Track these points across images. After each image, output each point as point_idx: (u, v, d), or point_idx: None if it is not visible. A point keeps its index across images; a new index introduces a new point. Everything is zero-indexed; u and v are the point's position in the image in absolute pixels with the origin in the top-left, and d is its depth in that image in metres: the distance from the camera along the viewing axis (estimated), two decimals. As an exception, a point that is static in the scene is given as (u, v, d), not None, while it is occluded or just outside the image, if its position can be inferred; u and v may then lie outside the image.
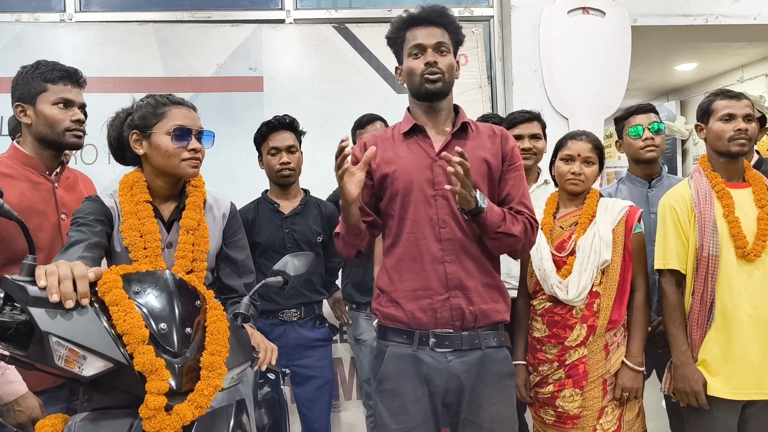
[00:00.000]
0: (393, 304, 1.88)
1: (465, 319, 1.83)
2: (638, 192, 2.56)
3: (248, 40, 3.64)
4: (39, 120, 1.99)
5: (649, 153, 2.51)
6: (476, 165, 1.86)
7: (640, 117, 2.54)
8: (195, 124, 1.80)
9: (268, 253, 2.62)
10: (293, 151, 2.69)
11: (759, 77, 6.15)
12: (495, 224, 1.79)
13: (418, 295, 1.84)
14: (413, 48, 1.87)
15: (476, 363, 1.83)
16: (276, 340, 2.45)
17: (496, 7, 3.91)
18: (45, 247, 1.92)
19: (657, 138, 2.51)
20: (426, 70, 1.85)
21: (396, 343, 1.87)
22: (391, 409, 1.86)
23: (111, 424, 1.29)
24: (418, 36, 1.87)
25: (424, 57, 1.85)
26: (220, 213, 1.93)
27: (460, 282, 1.83)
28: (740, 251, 2.06)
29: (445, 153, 1.71)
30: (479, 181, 1.86)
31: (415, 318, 1.83)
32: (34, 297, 1.23)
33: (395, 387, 1.85)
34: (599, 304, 2.16)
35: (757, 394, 2.03)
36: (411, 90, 1.92)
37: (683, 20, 3.88)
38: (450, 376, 1.82)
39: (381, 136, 1.98)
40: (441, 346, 1.83)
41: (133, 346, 1.26)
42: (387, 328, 1.91)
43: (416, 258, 1.85)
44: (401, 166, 1.88)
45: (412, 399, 1.84)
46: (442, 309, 1.82)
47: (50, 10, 3.67)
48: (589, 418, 2.13)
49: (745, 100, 2.17)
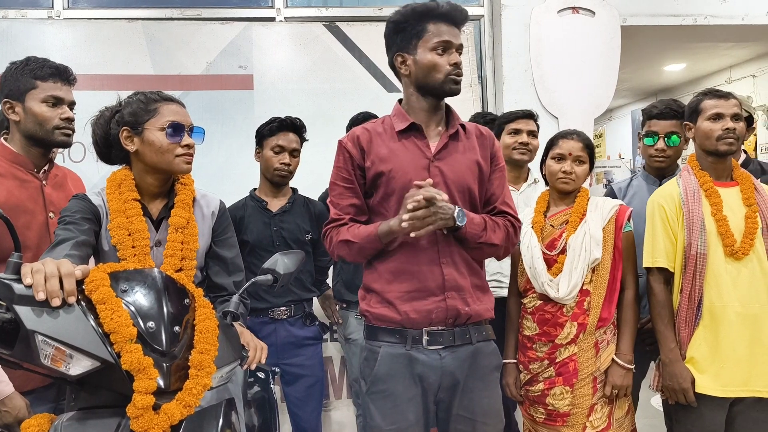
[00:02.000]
0: (385, 304, 1.85)
1: (458, 319, 1.84)
2: (647, 189, 2.55)
3: (238, 38, 3.61)
4: (28, 117, 1.97)
5: (656, 163, 2.53)
6: (469, 167, 1.88)
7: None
8: (187, 120, 1.80)
9: (256, 251, 2.61)
10: (295, 155, 2.69)
11: (746, 78, 6.21)
12: (476, 236, 1.82)
13: (413, 297, 1.83)
14: (439, 43, 1.82)
15: (468, 357, 1.84)
16: (266, 339, 2.43)
17: (487, 6, 3.92)
18: (33, 246, 1.90)
19: (669, 150, 2.51)
20: (454, 71, 1.84)
21: (388, 343, 1.86)
22: (383, 410, 1.84)
23: (98, 424, 1.28)
24: (444, 32, 1.83)
25: (449, 56, 1.83)
26: (209, 211, 1.91)
27: (456, 283, 1.83)
28: (728, 249, 2.07)
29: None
30: (471, 183, 1.87)
31: (410, 318, 1.82)
32: (20, 295, 1.22)
33: (388, 387, 1.84)
34: (589, 302, 2.17)
35: (744, 392, 2.04)
36: (426, 84, 1.86)
37: (672, 20, 3.91)
38: (444, 373, 1.82)
39: (373, 130, 1.92)
40: (434, 344, 1.82)
41: (121, 344, 1.25)
42: (377, 328, 1.88)
43: (412, 260, 1.83)
44: (398, 165, 1.85)
45: (405, 399, 1.83)
46: (437, 310, 1.82)
47: (38, 7, 3.64)
48: (579, 416, 2.13)
49: (733, 99, 2.18)
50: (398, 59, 1.89)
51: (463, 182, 1.86)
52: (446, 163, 1.86)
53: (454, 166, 1.87)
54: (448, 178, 1.85)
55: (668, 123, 2.49)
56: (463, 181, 1.86)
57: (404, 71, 1.89)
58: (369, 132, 1.92)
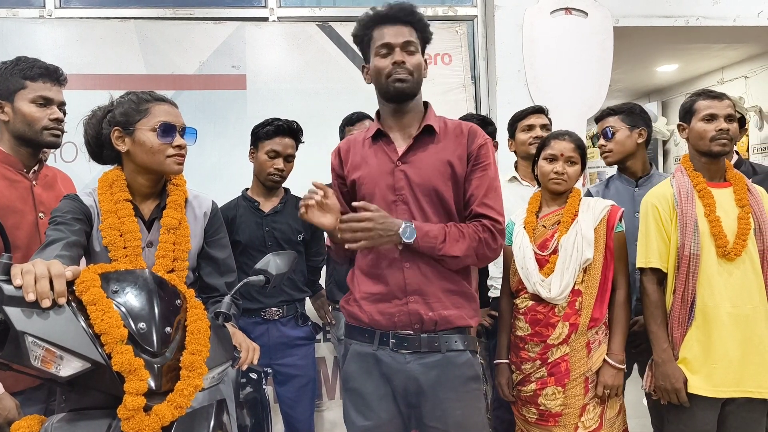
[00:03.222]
0: (355, 304, 1.89)
1: (424, 324, 1.81)
2: (625, 191, 2.58)
3: (231, 37, 3.61)
4: (17, 117, 1.95)
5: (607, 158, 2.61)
6: (438, 168, 1.84)
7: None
8: (178, 121, 1.79)
9: (248, 251, 2.60)
10: (290, 160, 2.67)
11: (739, 79, 6.23)
12: (432, 249, 1.78)
13: (377, 299, 1.84)
14: (381, 47, 1.82)
15: (436, 366, 1.81)
16: (258, 339, 2.43)
17: (480, 6, 3.92)
18: (22, 246, 1.89)
19: (609, 144, 2.58)
20: (394, 69, 1.80)
21: (358, 341, 1.89)
22: (356, 406, 1.87)
23: (89, 425, 1.27)
24: (385, 35, 1.82)
25: (392, 56, 1.81)
26: (201, 212, 1.91)
27: (419, 287, 1.81)
28: (721, 250, 2.08)
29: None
30: (439, 185, 1.83)
31: (374, 320, 1.84)
32: (10, 296, 1.21)
33: (359, 386, 1.87)
34: (581, 302, 2.17)
35: (736, 392, 2.05)
36: (379, 90, 1.89)
37: (665, 21, 3.92)
38: (408, 377, 1.81)
39: (353, 140, 1.99)
40: (400, 347, 1.82)
41: (111, 345, 1.24)
42: (351, 326, 1.93)
43: (377, 262, 1.85)
44: (366, 171, 1.89)
45: (376, 397, 1.84)
46: (399, 314, 1.82)
47: (29, 6, 3.62)
48: (571, 416, 2.14)
49: (727, 100, 2.19)
50: (364, 71, 1.92)
51: (429, 184, 1.83)
52: (411, 166, 1.85)
53: (420, 169, 1.84)
54: (412, 181, 1.83)
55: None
56: (429, 184, 1.83)
57: (368, 81, 1.91)
58: (349, 142, 1.98)
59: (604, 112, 2.67)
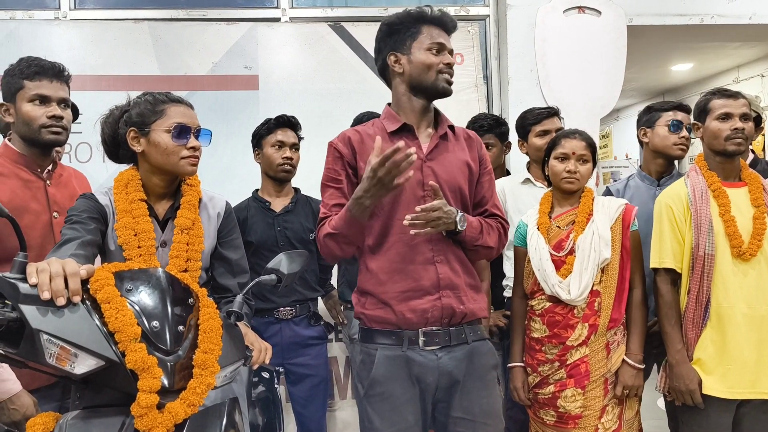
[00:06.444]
0: (382, 306, 1.85)
1: (454, 317, 1.84)
2: (647, 190, 2.56)
3: (244, 38, 3.63)
4: (18, 118, 1.96)
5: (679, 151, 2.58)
6: (460, 167, 1.90)
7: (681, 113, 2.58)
8: (194, 122, 1.79)
9: (260, 251, 2.60)
10: (296, 149, 2.71)
11: (755, 77, 6.17)
12: (473, 239, 1.86)
13: (409, 296, 1.82)
14: (434, 44, 1.85)
15: (465, 357, 1.85)
16: (271, 339, 2.44)
17: (492, 6, 3.91)
18: (36, 246, 1.89)
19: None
20: (446, 70, 1.86)
21: (385, 345, 1.85)
22: (381, 412, 1.84)
23: (102, 422, 1.28)
24: (438, 35, 1.87)
25: (442, 56, 1.86)
26: (215, 212, 1.91)
27: (451, 282, 1.84)
28: (736, 250, 2.06)
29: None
30: (462, 183, 1.89)
31: (406, 319, 1.82)
32: (25, 294, 1.22)
33: (386, 390, 1.83)
34: (600, 303, 2.15)
35: (751, 393, 2.03)
36: (420, 83, 1.87)
37: (679, 20, 3.88)
38: (441, 373, 1.82)
39: (363, 132, 1.93)
40: (431, 344, 1.83)
41: (125, 343, 1.25)
42: (374, 331, 1.88)
43: (407, 259, 1.83)
44: None
45: (404, 400, 1.83)
46: (433, 309, 1.82)
47: (45, 8, 3.65)
48: (591, 418, 2.12)
49: (742, 99, 2.17)
50: (391, 58, 1.90)
51: (455, 182, 1.88)
52: (438, 163, 1.88)
53: (446, 167, 1.88)
54: (440, 177, 1.86)
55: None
56: (455, 181, 1.88)
57: (398, 69, 1.90)
58: (360, 133, 1.93)
59: (687, 108, 2.66)
